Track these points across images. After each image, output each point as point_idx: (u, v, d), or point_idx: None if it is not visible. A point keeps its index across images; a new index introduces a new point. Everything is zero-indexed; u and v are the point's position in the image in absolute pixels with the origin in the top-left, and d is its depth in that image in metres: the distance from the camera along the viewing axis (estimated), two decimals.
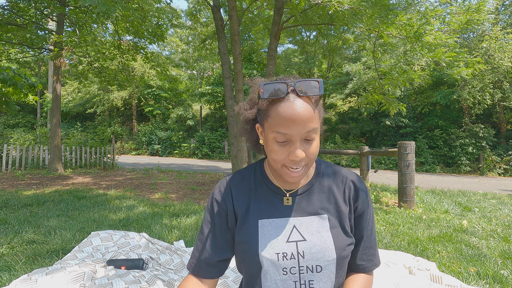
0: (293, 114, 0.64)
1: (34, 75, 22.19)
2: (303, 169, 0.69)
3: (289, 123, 0.64)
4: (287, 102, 0.65)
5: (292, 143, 0.67)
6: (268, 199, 0.78)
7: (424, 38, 4.55)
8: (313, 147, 0.68)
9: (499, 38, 11.45)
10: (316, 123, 0.67)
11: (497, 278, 1.76)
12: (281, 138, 0.66)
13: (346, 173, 0.82)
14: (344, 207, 0.77)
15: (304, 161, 0.68)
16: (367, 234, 0.80)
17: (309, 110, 0.65)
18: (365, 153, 5.75)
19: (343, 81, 15.15)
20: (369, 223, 0.80)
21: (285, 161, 0.68)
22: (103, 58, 7.77)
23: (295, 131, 0.65)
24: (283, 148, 0.67)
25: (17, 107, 6.61)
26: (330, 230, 0.74)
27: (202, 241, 0.79)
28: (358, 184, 0.80)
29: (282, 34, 10.67)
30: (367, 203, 0.80)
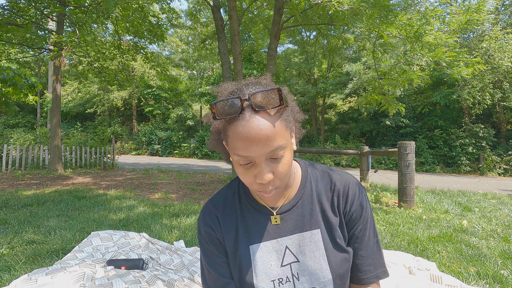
0: (250, 135, 0.56)
1: (34, 75, 22.19)
2: (276, 190, 0.63)
3: (247, 144, 0.56)
4: (242, 121, 0.56)
5: (257, 165, 0.59)
6: (256, 221, 0.72)
7: (424, 38, 4.56)
8: (282, 166, 0.60)
9: (499, 38, 11.45)
10: (281, 139, 0.58)
11: (497, 278, 1.76)
12: (243, 161, 0.59)
13: (335, 178, 0.74)
14: (334, 218, 0.71)
15: (274, 182, 0.61)
16: (364, 243, 0.72)
17: (269, 127, 0.56)
18: (365, 153, 5.75)
19: (343, 81, 15.15)
20: (366, 230, 0.72)
21: (254, 184, 0.62)
22: (103, 58, 7.77)
23: (256, 152, 0.57)
24: (248, 171, 0.61)
25: (17, 108, 6.61)
26: (324, 247, 0.69)
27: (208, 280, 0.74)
28: (348, 190, 0.72)
29: (282, 34, 10.68)
30: (360, 209, 0.72)
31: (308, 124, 18.11)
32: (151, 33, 7.81)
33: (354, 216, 0.72)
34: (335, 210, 0.72)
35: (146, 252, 1.98)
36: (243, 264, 0.70)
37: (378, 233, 0.75)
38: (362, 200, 0.73)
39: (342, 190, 0.72)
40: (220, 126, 0.61)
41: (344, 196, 0.72)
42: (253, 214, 0.73)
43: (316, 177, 0.75)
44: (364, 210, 0.72)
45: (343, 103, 18.11)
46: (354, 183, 0.74)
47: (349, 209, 0.72)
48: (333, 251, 0.69)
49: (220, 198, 0.77)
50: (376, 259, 0.72)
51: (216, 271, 0.72)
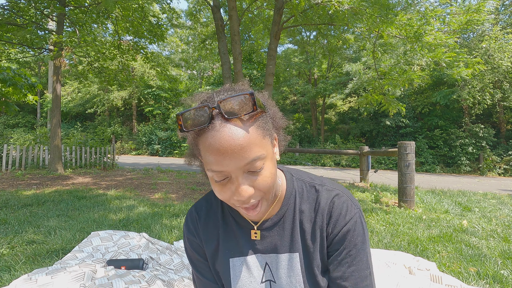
0: (221, 147, 0.49)
1: (34, 75, 22.19)
2: (260, 204, 0.57)
3: (220, 158, 0.50)
4: (212, 131, 0.50)
5: (233, 180, 0.53)
6: (236, 234, 0.68)
7: (424, 38, 4.56)
8: (262, 179, 0.54)
9: (499, 38, 11.45)
10: (258, 149, 0.51)
11: (497, 278, 1.76)
12: (218, 177, 0.53)
13: (321, 196, 0.65)
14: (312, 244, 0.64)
15: (254, 197, 0.55)
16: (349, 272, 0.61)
17: (243, 136, 0.50)
18: (365, 153, 5.75)
19: (343, 81, 15.15)
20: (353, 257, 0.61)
21: (232, 200, 0.55)
22: (103, 58, 7.77)
23: (230, 166, 0.50)
24: (225, 187, 0.54)
25: (17, 108, 6.61)
26: (301, 273, 0.63)
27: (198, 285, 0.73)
28: (333, 208, 0.63)
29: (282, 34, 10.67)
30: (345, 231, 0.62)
31: (308, 124, 18.11)
32: (151, 33, 7.81)
33: (337, 238, 0.62)
34: (316, 232, 0.64)
35: (146, 252, 1.98)
36: (223, 275, 0.67)
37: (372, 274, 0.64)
38: (351, 220, 0.62)
39: (327, 209, 0.64)
40: (190, 140, 0.55)
41: (327, 215, 0.63)
42: (234, 226, 0.68)
43: (301, 193, 0.67)
44: (351, 232, 0.62)
45: (343, 103, 18.11)
46: (343, 201, 0.64)
47: (331, 230, 0.63)
48: (312, 278, 0.64)
49: (203, 203, 0.72)
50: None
51: (203, 276, 0.71)
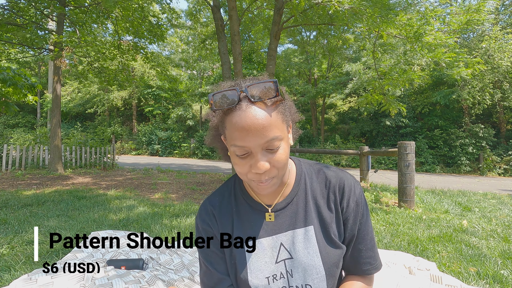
0: (246, 125, 0.57)
1: (34, 75, 22.20)
2: (272, 181, 0.63)
3: (243, 134, 0.58)
4: (239, 111, 0.58)
5: (253, 155, 0.60)
6: (251, 218, 0.73)
7: (424, 38, 4.55)
8: (278, 156, 0.61)
9: (499, 38, 11.45)
10: (277, 131, 0.59)
11: (497, 278, 1.76)
12: (240, 151, 0.60)
13: (330, 175, 0.75)
14: (329, 215, 0.72)
15: (270, 172, 0.62)
16: (362, 237, 0.72)
17: (265, 117, 0.58)
18: (365, 153, 5.75)
19: (343, 81, 15.15)
20: (363, 225, 0.73)
21: (250, 174, 0.62)
22: (103, 58, 7.77)
23: (252, 142, 0.58)
24: (244, 161, 0.61)
25: (17, 108, 6.61)
26: (317, 244, 0.69)
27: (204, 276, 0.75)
28: (344, 186, 0.72)
29: (282, 34, 10.67)
30: (356, 205, 0.72)
31: (308, 124, 18.11)
32: (151, 33, 7.81)
33: (351, 211, 0.72)
34: (331, 206, 0.72)
35: (146, 252, 1.98)
36: (238, 261, 0.71)
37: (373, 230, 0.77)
38: (358, 195, 0.73)
39: (338, 186, 0.73)
40: (218, 119, 0.63)
41: (340, 192, 0.72)
42: (248, 211, 0.74)
43: (310, 175, 0.76)
44: (361, 205, 0.73)
45: (343, 103, 18.12)
46: (349, 179, 0.74)
47: (346, 205, 0.72)
48: (326, 247, 0.69)
49: (216, 196, 0.78)
50: (374, 251, 0.74)
51: (212, 266, 0.73)
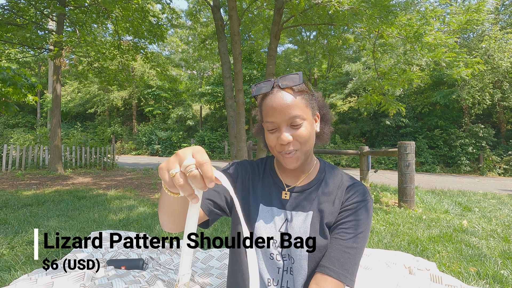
0: (274, 103, 0.74)
1: (34, 75, 22.19)
2: (296, 154, 0.76)
3: (272, 111, 0.74)
4: (271, 95, 0.76)
5: (279, 130, 0.75)
6: (270, 190, 0.86)
7: (424, 38, 4.55)
8: (300, 132, 0.74)
9: (499, 38, 11.45)
10: (300, 111, 0.74)
11: (497, 278, 1.76)
12: (270, 126, 0.76)
13: (346, 178, 0.85)
14: (330, 208, 0.79)
15: (293, 145, 0.75)
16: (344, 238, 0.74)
17: (290, 99, 0.74)
18: (365, 153, 5.75)
19: (343, 81, 15.16)
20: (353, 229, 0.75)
21: (277, 146, 0.76)
22: (103, 58, 7.76)
23: (278, 118, 0.74)
24: (273, 135, 0.77)
25: (17, 108, 6.61)
26: (310, 227, 0.77)
27: None
28: (353, 187, 0.81)
29: (282, 34, 10.67)
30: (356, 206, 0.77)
31: None
32: (151, 33, 7.80)
33: (347, 207, 0.79)
34: (335, 201, 0.81)
35: (146, 252, 1.98)
36: (251, 212, 0.83)
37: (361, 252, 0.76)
38: (363, 200, 0.79)
39: (347, 187, 0.82)
40: (258, 105, 0.83)
41: (347, 191, 0.81)
42: (270, 183, 0.87)
43: (330, 173, 0.86)
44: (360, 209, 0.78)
45: (343, 103, 18.11)
46: (362, 187, 0.82)
47: (346, 202, 0.80)
48: (315, 232, 0.77)
49: (253, 163, 0.95)
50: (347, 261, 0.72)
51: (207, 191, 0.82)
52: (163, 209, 0.64)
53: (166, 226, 0.69)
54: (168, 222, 0.67)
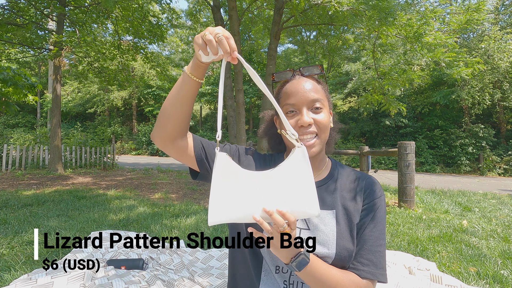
0: (297, 86, 0.76)
1: (34, 75, 22.18)
2: (315, 141, 0.75)
3: (293, 93, 0.76)
4: (293, 80, 0.79)
5: (300, 112, 0.75)
6: None
7: (423, 38, 4.55)
8: (320, 116, 0.75)
9: (499, 38, 11.45)
10: (321, 96, 0.76)
11: (497, 278, 1.76)
12: (290, 108, 0.76)
13: (360, 174, 0.85)
14: (353, 205, 0.78)
15: (314, 129, 0.75)
16: (371, 237, 0.75)
17: (311, 84, 0.77)
18: (365, 153, 5.74)
19: (343, 81, 15.16)
20: (376, 227, 0.76)
21: (297, 129, 0.75)
22: (103, 58, 7.76)
23: (300, 100, 0.75)
24: (292, 119, 0.76)
25: (17, 108, 6.61)
26: (336, 225, 0.75)
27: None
28: (370, 185, 0.81)
29: (282, 34, 10.68)
30: (374, 203, 0.78)
31: None
32: (151, 33, 7.80)
33: (367, 206, 0.78)
34: (357, 198, 0.80)
35: (146, 252, 1.98)
36: None
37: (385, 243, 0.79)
38: (381, 197, 0.80)
39: (365, 184, 0.81)
40: (276, 92, 0.84)
41: (365, 189, 0.81)
42: None
43: (343, 171, 0.86)
44: (378, 206, 0.78)
45: (343, 103, 18.12)
46: (376, 183, 0.83)
47: (365, 200, 0.79)
48: (344, 233, 0.75)
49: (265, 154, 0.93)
50: (377, 257, 0.74)
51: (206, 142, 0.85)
52: (173, 97, 0.72)
53: (165, 122, 0.73)
54: (170, 116, 0.73)
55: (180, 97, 0.72)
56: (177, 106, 0.72)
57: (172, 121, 0.73)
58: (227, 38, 0.61)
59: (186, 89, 0.71)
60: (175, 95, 0.72)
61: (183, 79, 0.71)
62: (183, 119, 0.73)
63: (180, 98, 0.72)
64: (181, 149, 0.78)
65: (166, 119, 0.73)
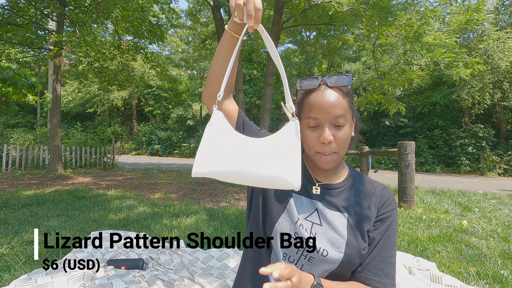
0: (321, 100, 0.72)
1: (34, 75, 22.17)
2: (333, 157, 0.74)
3: (317, 107, 0.72)
4: (318, 92, 0.74)
5: (322, 128, 0.73)
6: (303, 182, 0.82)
7: (423, 38, 4.55)
8: (342, 134, 0.73)
9: (498, 38, 11.45)
10: (345, 111, 0.73)
11: (497, 278, 1.76)
12: (312, 123, 0.74)
13: (376, 184, 0.84)
14: (367, 213, 0.78)
15: (333, 147, 0.73)
16: (380, 244, 0.76)
17: (337, 98, 0.73)
18: (365, 153, 5.74)
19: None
20: (388, 238, 0.77)
21: (316, 146, 0.74)
22: (103, 58, 7.76)
23: (323, 115, 0.72)
24: (314, 133, 0.74)
25: (17, 108, 6.60)
26: (347, 228, 0.75)
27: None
28: (386, 196, 0.81)
29: (282, 34, 10.67)
30: (389, 215, 0.79)
31: None
32: (151, 33, 7.80)
33: (381, 217, 0.78)
34: (371, 207, 0.79)
35: (146, 252, 1.98)
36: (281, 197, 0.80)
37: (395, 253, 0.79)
38: (394, 209, 0.80)
39: (380, 194, 0.81)
40: (299, 100, 0.80)
41: (381, 199, 0.80)
42: (303, 178, 0.82)
43: (360, 179, 0.85)
44: (391, 218, 0.79)
45: None
46: (390, 194, 0.83)
47: (380, 210, 0.79)
48: (355, 236, 0.75)
49: None
50: (388, 268, 0.75)
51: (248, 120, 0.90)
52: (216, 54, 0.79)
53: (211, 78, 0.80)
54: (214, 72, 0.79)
55: (221, 53, 0.78)
56: (219, 62, 0.78)
57: (216, 77, 0.79)
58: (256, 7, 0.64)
59: (226, 44, 0.76)
60: (217, 52, 0.79)
61: (223, 36, 0.77)
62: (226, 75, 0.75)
63: (222, 53, 0.77)
64: (225, 110, 0.83)
65: (211, 76, 0.80)
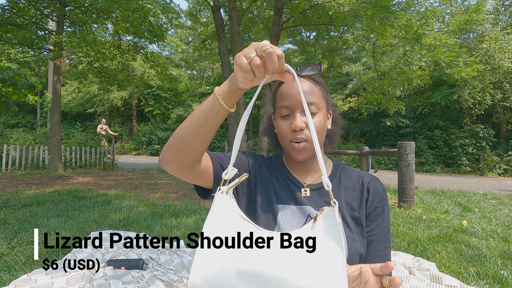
0: (291, 88, 0.73)
1: (34, 75, 22.18)
2: (305, 145, 0.73)
3: (288, 95, 0.73)
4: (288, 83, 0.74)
5: (293, 115, 0.73)
6: (287, 188, 0.81)
7: (423, 39, 4.55)
8: (314, 122, 0.71)
9: (499, 39, 11.45)
10: (316, 99, 0.73)
11: (497, 278, 1.76)
12: (284, 112, 0.74)
13: (363, 174, 0.84)
14: (359, 207, 0.78)
15: (305, 134, 0.72)
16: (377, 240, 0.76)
17: (308, 85, 0.73)
18: (365, 153, 5.74)
19: (343, 82, 15.15)
20: (381, 229, 0.77)
21: (289, 134, 0.73)
22: (103, 58, 7.76)
23: (294, 103, 0.72)
24: (286, 122, 0.74)
25: (16, 108, 6.61)
26: (344, 227, 0.75)
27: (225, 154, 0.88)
28: (374, 185, 0.80)
29: (282, 34, 10.66)
30: (381, 205, 0.78)
31: None
32: (151, 33, 7.80)
33: (373, 207, 0.78)
34: (362, 198, 0.79)
35: (146, 252, 1.98)
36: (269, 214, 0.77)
37: None
38: (384, 198, 0.80)
39: (367, 184, 0.80)
40: (273, 92, 0.81)
41: (369, 189, 0.79)
42: (286, 182, 0.83)
43: (345, 172, 0.84)
44: (383, 206, 0.78)
45: (343, 103, 18.11)
46: (379, 183, 0.82)
47: (370, 201, 0.78)
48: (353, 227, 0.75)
49: (268, 159, 0.91)
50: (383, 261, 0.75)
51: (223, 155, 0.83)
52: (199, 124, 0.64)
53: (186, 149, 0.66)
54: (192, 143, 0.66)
55: (208, 125, 0.65)
56: (202, 134, 0.65)
57: (194, 149, 0.67)
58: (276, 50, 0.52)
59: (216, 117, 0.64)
60: (201, 122, 0.65)
61: (213, 106, 0.63)
62: (205, 146, 0.68)
63: (208, 125, 0.65)
64: (198, 174, 0.73)
65: (187, 147, 0.66)
